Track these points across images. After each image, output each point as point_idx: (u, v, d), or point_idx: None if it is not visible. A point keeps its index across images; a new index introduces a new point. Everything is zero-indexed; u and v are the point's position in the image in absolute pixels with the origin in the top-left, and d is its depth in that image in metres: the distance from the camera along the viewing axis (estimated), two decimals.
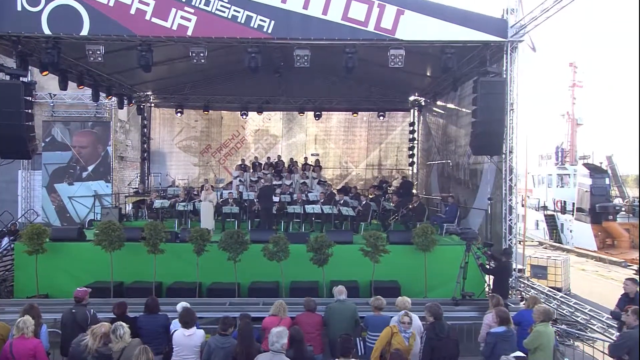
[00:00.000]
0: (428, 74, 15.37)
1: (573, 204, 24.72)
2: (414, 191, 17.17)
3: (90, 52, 10.58)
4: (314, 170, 17.98)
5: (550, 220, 26.39)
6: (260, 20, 10.04)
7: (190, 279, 10.44)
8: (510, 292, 9.33)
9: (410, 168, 19.81)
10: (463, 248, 10.86)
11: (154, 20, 10.06)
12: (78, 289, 6.58)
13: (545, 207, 27.46)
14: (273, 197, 13.56)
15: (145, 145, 19.46)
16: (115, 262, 10.21)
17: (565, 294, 10.88)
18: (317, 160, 18.98)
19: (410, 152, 19.71)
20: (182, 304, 6.32)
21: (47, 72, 12.34)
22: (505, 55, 10.18)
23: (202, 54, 10.64)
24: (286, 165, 18.59)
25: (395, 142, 20.33)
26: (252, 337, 5.29)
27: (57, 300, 9.68)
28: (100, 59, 10.66)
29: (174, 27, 10.09)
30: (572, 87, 28.06)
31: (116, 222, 10.34)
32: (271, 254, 9.78)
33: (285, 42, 10.47)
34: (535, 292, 10.31)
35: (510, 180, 10.24)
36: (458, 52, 10.44)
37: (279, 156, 19.18)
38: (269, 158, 18.94)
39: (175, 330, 5.96)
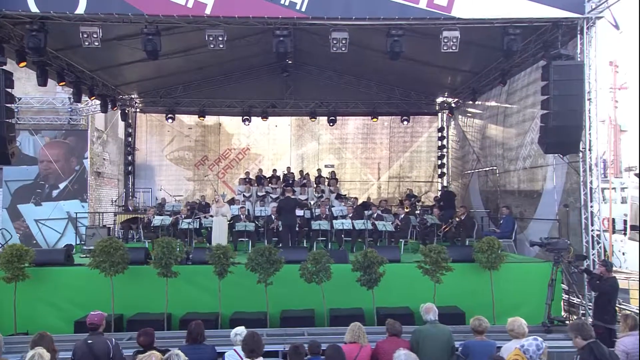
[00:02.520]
0: (466, 68, 15.07)
1: (624, 221, 24.32)
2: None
3: (85, 36, 10.02)
4: (329, 183, 17.53)
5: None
6: None
7: (205, 309, 9.75)
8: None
9: (440, 180, 19.38)
10: (536, 265, 10.46)
11: None
12: (92, 313, 5.84)
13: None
14: (296, 211, 12.96)
15: (130, 158, 18.79)
16: (109, 291, 9.38)
17: None
18: (333, 172, 18.59)
19: (440, 162, 19.36)
20: (241, 329, 5.66)
21: (25, 64, 11.78)
22: (579, 35, 9.85)
23: (220, 38, 10.19)
24: (296, 178, 18.13)
25: (421, 151, 19.99)
26: None
27: None
28: (97, 43, 10.12)
29: (189, 5, 9.57)
30: (614, 89, 28.03)
31: (118, 240, 9.57)
32: (310, 275, 9.12)
33: (321, 23, 10.04)
34: None
35: (591, 182, 9.80)
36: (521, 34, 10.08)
37: (289, 168, 18.73)
38: (274, 170, 18.42)
39: None
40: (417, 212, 15.65)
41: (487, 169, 15.14)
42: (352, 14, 9.77)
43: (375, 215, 13.51)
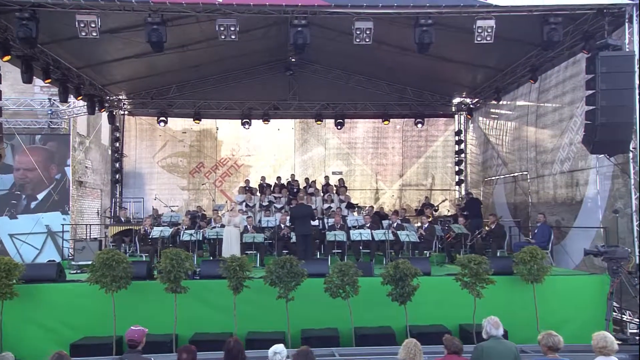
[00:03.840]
0: (490, 64, 15.00)
1: None
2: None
3: (82, 26, 9.81)
4: (337, 192, 17.37)
5: None
6: None
7: (216, 328, 9.48)
8: None
9: (458, 188, 19.27)
10: (584, 277, 10.30)
11: None
12: (132, 327, 5.61)
13: None
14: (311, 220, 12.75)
15: (118, 165, 18.56)
16: (107, 310, 9.09)
17: None
18: (342, 180, 18.44)
19: (458, 168, 19.30)
20: (281, 347, 5.39)
21: (9, 57, 11.49)
22: (627, 24, 9.78)
23: (232, 28, 10.02)
24: (301, 186, 17.99)
25: (436, 156, 19.97)
26: None
27: None
28: (95, 34, 9.91)
29: None
30: None
31: (120, 252, 9.27)
32: (337, 289, 8.90)
33: (344, 12, 9.89)
34: None
35: None
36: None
37: (293, 175, 18.60)
38: (279, 178, 18.24)
39: None
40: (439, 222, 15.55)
41: (516, 174, 15.07)
42: (378, 1, 9.67)
43: (395, 225, 13.33)
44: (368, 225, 13.33)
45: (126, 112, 18.98)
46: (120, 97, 18.41)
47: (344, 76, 18.58)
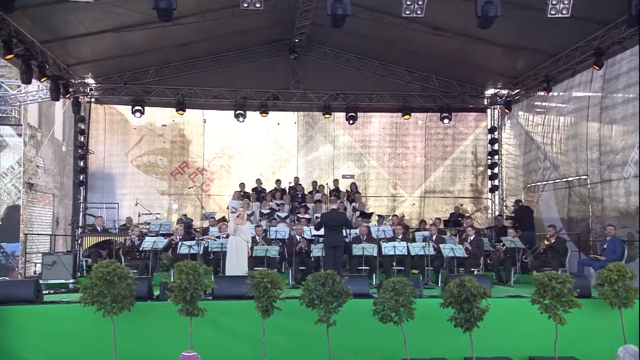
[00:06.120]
0: (540, 48, 14.99)
1: None
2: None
3: None
4: (349, 198, 17.27)
5: None
6: None
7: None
8: None
9: (491, 196, 19.23)
10: None
11: None
12: (184, 354, 5.36)
13: None
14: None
15: (82, 163, 18.24)
16: (100, 337, 8.87)
17: None
18: (354, 185, 18.39)
19: (491, 172, 19.31)
20: None
21: None
22: None
23: None
24: (306, 191, 18.03)
25: (466, 158, 20.01)
26: None
27: None
28: None
29: None
30: None
31: (123, 266, 8.86)
32: (390, 311, 8.63)
33: None
34: None
35: None
36: None
37: (297, 178, 18.50)
38: (278, 181, 18.10)
39: None
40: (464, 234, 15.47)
41: (571, 179, 15.05)
42: None
43: (434, 237, 13.16)
44: (400, 237, 13.15)
45: (93, 100, 18.60)
46: (87, 80, 17.98)
47: (357, 61, 18.64)
